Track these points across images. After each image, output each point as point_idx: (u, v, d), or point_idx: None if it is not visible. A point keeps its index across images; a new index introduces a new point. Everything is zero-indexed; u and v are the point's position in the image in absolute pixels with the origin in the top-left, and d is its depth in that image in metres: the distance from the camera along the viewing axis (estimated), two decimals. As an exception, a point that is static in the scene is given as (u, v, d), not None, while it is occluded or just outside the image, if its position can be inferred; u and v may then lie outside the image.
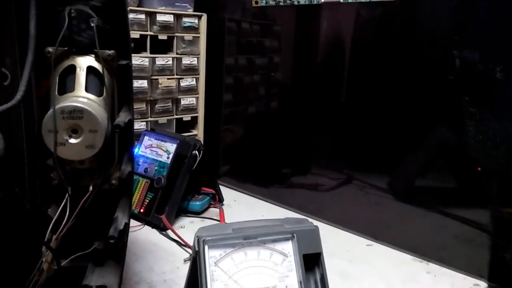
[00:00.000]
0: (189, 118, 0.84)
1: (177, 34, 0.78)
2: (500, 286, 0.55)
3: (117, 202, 0.37)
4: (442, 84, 0.65)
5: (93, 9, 0.33)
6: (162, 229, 0.65)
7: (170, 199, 0.66)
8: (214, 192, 0.75)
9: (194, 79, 0.82)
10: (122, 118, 0.32)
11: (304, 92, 0.90)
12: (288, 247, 0.38)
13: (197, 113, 0.85)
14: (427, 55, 0.67)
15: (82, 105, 0.31)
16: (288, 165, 0.94)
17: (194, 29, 0.80)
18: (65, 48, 0.33)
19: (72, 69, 0.33)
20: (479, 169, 0.65)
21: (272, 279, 0.37)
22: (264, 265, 0.37)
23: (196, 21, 0.80)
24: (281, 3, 0.69)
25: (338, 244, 0.64)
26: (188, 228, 0.67)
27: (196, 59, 0.82)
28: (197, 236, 0.37)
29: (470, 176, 0.66)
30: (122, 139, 0.34)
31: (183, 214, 0.71)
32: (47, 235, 0.33)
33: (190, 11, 0.80)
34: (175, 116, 0.82)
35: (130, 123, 0.33)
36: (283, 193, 0.87)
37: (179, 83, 0.80)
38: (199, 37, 0.81)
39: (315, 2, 0.64)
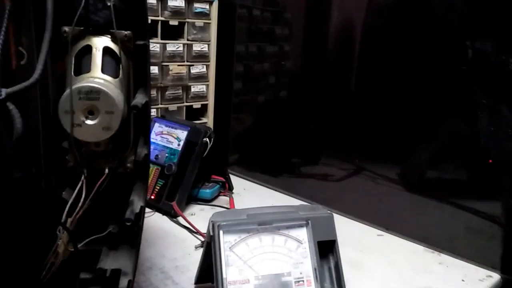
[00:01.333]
0: (199, 106, 0.84)
1: (188, 20, 0.77)
2: (514, 277, 0.55)
3: (132, 186, 0.37)
4: (455, 74, 0.64)
5: (110, -11, 0.32)
6: (172, 216, 0.64)
7: (181, 186, 0.66)
8: (224, 180, 0.75)
9: (205, 66, 0.82)
10: (139, 99, 0.32)
11: (314, 81, 0.89)
12: (302, 233, 0.38)
13: (207, 100, 0.85)
14: (440, 45, 0.66)
15: (99, 86, 0.30)
16: (297, 154, 0.93)
17: (205, 15, 0.79)
18: (81, 28, 0.32)
19: (88, 49, 0.33)
20: (490, 161, 0.64)
21: (287, 265, 0.36)
22: (279, 251, 0.37)
23: (207, 7, 0.79)
24: (294, -11, 0.68)
25: (349, 234, 0.63)
26: (198, 215, 0.67)
27: (206, 45, 0.81)
28: (211, 221, 0.37)
29: (482, 168, 0.66)
30: (138, 122, 0.33)
31: (193, 202, 0.71)
32: (63, 218, 0.32)
33: (202, -3, 0.79)
34: (185, 104, 0.81)
35: (147, 105, 0.33)
36: (293, 183, 0.86)
37: (189, 70, 0.80)
38: (210, 23, 0.81)
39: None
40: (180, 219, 0.64)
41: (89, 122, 0.31)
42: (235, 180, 0.81)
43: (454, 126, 0.70)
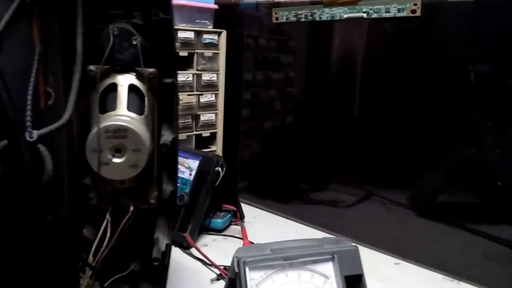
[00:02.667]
0: (208, 134, 0.84)
1: (197, 51, 0.78)
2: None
3: (155, 222, 0.36)
4: (460, 98, 0.65)
5: (135, 27, 0.32)
6: (185, 247, 0.63)
7: (193, 216, 0.65)
8: (235, 209, 0.74)
9: (214, 95, 0.82)
10: (167, 137, 0.32)
11: (319, 106, 0.89)
12: (329, 268, 0.37)
13: (216, 129, 0.85)
14: (446, 70, 0.67)
15: (127, 124, 0.30)
16: (306, 181, 0.93)
17: (214, 45, 0.80)
18: (107, 67, 0.32)
19: (113, 87, 0.33)
20: (499, 183, 0.64)
21: (315, 301, 0.35)
22: (306, 287, 0.36)
23: (216, 37, 0.81)
24: (302, 19, 0.69)
25: (365, 263, 0.61)
26: (211, 246, 0.66)
27: (215, 75, 0.82)
28: (236, 257, 0.36)
29: (492, 191, 0.65)
30: (164, 158, 0.33)
31: (205, 232, 0.70)
32: (90, 256, 0.32)
33: (210, 28, 0.80)
34: (195, 132, 0.81)
35: (174, 141, 0.33)
36: (303, 210, 0.86)
37: (199, 99, 0.80)
38: (218, 53, 0.82)
39: (337, 18, 0.64)
40: (193, 250, 0.63)
41: (116, 160, 0.31)
42: (245, 208, 0.80)
43: (462, 150, 0.70)
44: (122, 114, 0.32)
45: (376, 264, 0.63)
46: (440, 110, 0.69)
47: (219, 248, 0.65)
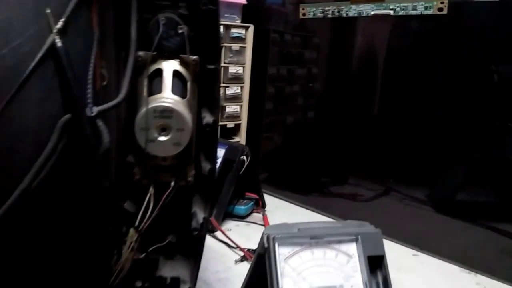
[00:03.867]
0: (232, 125, 0.87)
1: (225, 44, 0.81)
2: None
3: (191, 199, 0.39)
4: (483, 98, 0.66)
5: (180, 17, 0.35)
6: (210, 231, 0.66)
7: (218, 202, 0.68)
8: (257, 197, 0.77)
9: (239, 87, 0.85)
10: (208, 118, 0.34)
11: (341, 102, 0.91)
12: (352, 248, 0.39)
13: (240, 120, 0.88)
14: (469, 69, 0.68)
15: (172, 105, 0.33)
16: (326, 174, 0.95)
17: (241, 39, 0.83)
18: (154, 53, 0.35)
19: (159, 72, 0.35)
20: None
21: (338, 278, 0.38)
22: (330, 265, 0.38)
23: (244, 32, 0.83)
24: (329, 15, 0.71)
25: (384, 253, 0.64)
26: (234, 231, 0.69)
27: (242, 68, 0.84)
28: (266, 234, 0.39)
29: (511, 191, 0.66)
30: (205, 139, 0.36)
31: (228, 218, 0.73)
32: (137, 223, 0.35)
33: (238, 22, 0.83)
34: (220, 123, 0.84)
35: (215, 123, 0.35)
36: (323, 202, 0.88)
37: (225, 91, 0.83)
38: (245, 47, 0.84)
39: (364, 15, 0.66)
40: (218, 234, 0.66)
41: (161, 138, 0.33)
42: (266, 197, 0.83)
43: (483, 149, 0.71)
44: (167, 97, 0.34)
45: (394, 255, 0.64)
46: (462, 108, 0.70)
47: (242, 233, 0.68)
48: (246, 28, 0.84)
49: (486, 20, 0.65)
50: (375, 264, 0.40)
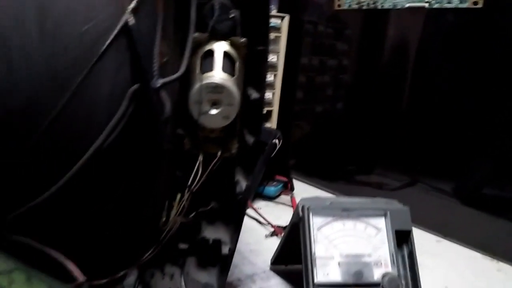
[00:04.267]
0: (264, 111, 0.90)
1: (261, 33, 0.84)
2: None
3: (233, 170, 0.43)
4: None
5: (232, 2, 0.39)
6: (242, 208, 0.70)
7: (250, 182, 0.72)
8: (286, 180, 0.80)
9: (273, 75, 0.88)
10: (255, 95, 0.38)
11: (370, 95, 0.93)
12: (381, 222, 0.42)
13: (272, 107, 0.91)
14: (502, 63, 0.69)
15: (223, 82, 0.37)
16: (353, 163, 0.97)
17: (276, 29, 0.86)
18: (207, 35, 0.39)
19: (210, 52, 0.39)
20: None
21: (367, 248, 0.41)
22: (359, 236, 0.41)
23: (279, 21, 0.86)
24: (364, 7, 0.73)
25: (408, 237, 0.67)
26: (263, 210, 0.73)
27: (276, 56, 0.87)
28: (301, 204, 0.42)
29: None
30: (252, 113, 0.39)
31: (259, 198, 0.77)
32: (188, 188, 0.39)
33: (274, 12, 0.86)
34: (253, 108, 0.88)
35: (262, 99, 0.39)
36: (349, 189, 0.90)
37: (259, 78, 0.86)
38: (280, 36, 0.87)
39: (399, 7, 0.68)
40: (249, 211, 0.70)
41: (212, 111, 0.37)
42: (294, 182, 0.86)
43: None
44: (218, 75, 0.38)
45: (418, 240, 0.66)
46: (492, 103, 0.71)
47: (271, 212, 0.71)
48: (282, 18, 0.86)
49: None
50: (402, 239, 0.43)
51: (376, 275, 0.40)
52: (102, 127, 0.31)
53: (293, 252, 0.47)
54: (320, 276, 0.39)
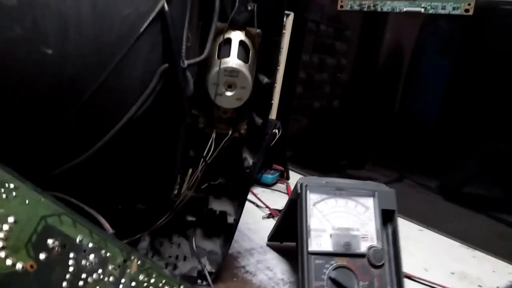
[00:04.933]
0: (271, 104, 0.94)
1: (266, 28, 0.88)
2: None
3: (241, 149, 0.48)
4: (502, 100, 0.72)
5: (250, -4, 0.43)
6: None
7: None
8: (283, 169, 0.85)
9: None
10: (267, 80, 0.43)
11: (365, 94, 0.98)
12: (369, 202, 0.47)
13: (273, 100, 0.96)
14: (492, 72, 0.74)
15: (239, 67, 0.41)
16: (345, 157, 1.02)
17: (281, 25, 0.91)
18: (226, 24, 0.43)
19: (228, 41, 0.44)
20: None
21: (356, 223, 0.46)
22: (350, 212, 0.46)
23: (284, 18, 0.91)
24: (365, 9, 0.78)
25: (393, 225, 0.72)
26: (261, 195, 0.77)
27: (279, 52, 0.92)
28: (299, 183, 0.47)
29: None
30: (261, 98, 0.44)
31: (256, 184, 0.82)
32: (202, 161, 0.44)
33: (280, 9, 0.90)
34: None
35: (272, 84, 0.44)
36: (341, 181, 0.95)
37: (262, 71, 0.91)
38: (284, 32, 0.92)
39: (397, 10, 0.73)
40: (248, 196, 0.74)
41: (228, 93, 0.42)
42: (290, 172, 0.91)
43: (498, 148, 0.77)
44: (234, 61, 0.43)
45: (401, 228, 0.72)
46: (480, 105, 0.76)
47: (267, 198, 0.76)
48: (287, 15, 0.91)
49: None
50: (387, 218, 0.48)
51: (363, 247, 0.45)
52: (135, 100, 0.36)
53: (288, 230, 0.52)
54: (313, 245, 0.44)
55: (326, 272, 0.43)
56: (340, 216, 0.46)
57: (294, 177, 0.90)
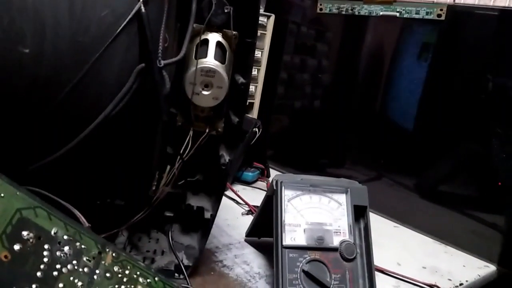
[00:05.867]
0: (247, 103, 0.96)
1: (248, 29, 0.90)
2: (507, 269, 0.65)
3: (218, 147, 0.49)
4: (475, 102, 0.74)
5: (227, -1, 0.45)
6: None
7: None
8: (263, 167, 0.87)
9: (257, 69, 0.94)
10: (242, 80, 0.44)
11: (345, 94, 1.00)
12: (342, 198, 0.49)
13: (254, 99, 0.97)
14: (464, 75, 0.76)
15: (215, 67, 0.43)
16: (325, 156, 1.04)
17: (262, 26, 0.92)
18: (203, 26, 0.45)
19: (205, 42, 0.45)
20: (499, 183, 0.73)
21: (329, 219, 0.48)
22: (323, 208, 0.48)
23: (265, 20, 0.92)
24: (343, 12, 0.80)
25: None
26: (241, 193, 0.79)
27: (260, 52, 0.94)
28: (275, 180, 0.49)
29: (491, 188, 0.75)
30: (236, 97, 0.46)
31: (236, 182, 0.83)
32: (179, 158, 0.45)
33: (261, 11, 0.92)
34: (236, 100, 0.94)
35: (248, 84, 0.45)
36: (321, 179, 0.97)
37: (243, 71, 0.92)
38: (265, 34, 0.93)
39: (374, 14, 0.75)
40: (228, 192, 0.76)
41: (204, 92, 0.43)
42: (270, 170, 0.93)
43: (471, 149, 0.80)
44: (211, 61, 0.44)
45: (378, 224, 0.75)
46: (455, 109, 0.78)
47: (247, 195, 0.77)
48: (268, 17, 0.93)
49: (483, 29, 0.74)
50: (359, 214, 0.50)
51: (336, 241, 0.46)
52: (111, 98, 0.37)
53: (265, 226, 0.53)
54: (287, 240, 0.45)
55: (299, 265, 0.45)
56: (314, 212, 0.48)
57: (275, 174, 0.92)
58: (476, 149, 0.78)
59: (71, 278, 0.27)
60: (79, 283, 0.27)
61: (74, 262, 0.28)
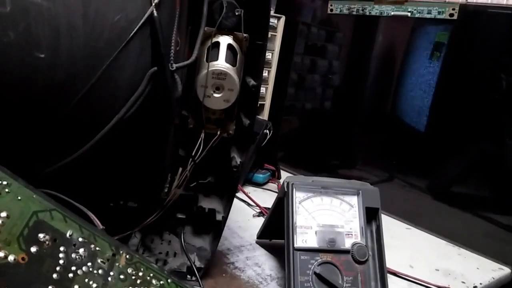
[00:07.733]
0: (257, 105, 0.96)
1: (258, 31, 0.90)
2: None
3: (229, 149, 0.49)
4: (488, 102, 0.74)
5: (237, 1, 0.45)
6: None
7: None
8: (274, 169, 0.87)
9: (267, 71, 0.95)
10: (253, 83, 0.44)
11: (356, 96, 1.00)
12: (354, 200, 0.49)
13: (264, 101, 0.97)
14: (477, 74, 0.75)
15: (226, 70, 0.43)
16: (336, 157, 1.04)
17: (273, 28, 0.92)
18: (214, 29, 0.45)
19: (216, 44, 0.45)
20: None
21: (340, 221, 0.48)
22: (335, 210, 0.48)
23: (276, 21, 0.93)
24: (354, 12, 0.80)
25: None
26: (252, 194, 0.79)
27: (271, 54, 0.94)
28: (286, 181, 0.49)
29: (505, 189, 0.74)
30: (247, 99, 0.46)
31: (247, 184, 0.83)
32: (191, 160, 0.45)
33: (272, 13, 0.92)
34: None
35: (258, 86, 0.45)
36: (332, 180, 0.97)
37: (254, 73, 0.92)
38: (276, 35, 0.94)
39: (385, 14, 0.74)
40: (239, 194, 0.76)
41: (216, 95, 0.43)
42: (281, 172, 0.93)
43: (485, 149, 0.79)
44: (222, 64, 0.44)
45: (390, 225, 0.74)
46: (468, 109, 0.77)
47: (259, 196, 0.78)
48: (278, 18, 0.93)
49: (496, 28, 0.73)
50: (371, 215, 0.49)
51: (347, 243, 0.46)
52: (125, 102, 0.37)
53: (277, 228, 0.53)
54: (299, 242, 0.45)
55: (311, 268, 0.45)
56: (325, 214, 0.48)
57: (286, 176, 0.92)
58: (489, 150, 0.77)
59: (86, 280, 0.28)
60: (94, 285, 0.28)
61: (89, 264, 0.28)
